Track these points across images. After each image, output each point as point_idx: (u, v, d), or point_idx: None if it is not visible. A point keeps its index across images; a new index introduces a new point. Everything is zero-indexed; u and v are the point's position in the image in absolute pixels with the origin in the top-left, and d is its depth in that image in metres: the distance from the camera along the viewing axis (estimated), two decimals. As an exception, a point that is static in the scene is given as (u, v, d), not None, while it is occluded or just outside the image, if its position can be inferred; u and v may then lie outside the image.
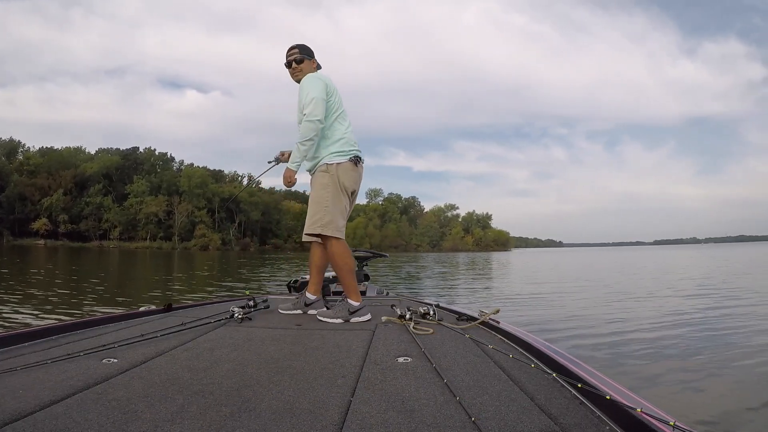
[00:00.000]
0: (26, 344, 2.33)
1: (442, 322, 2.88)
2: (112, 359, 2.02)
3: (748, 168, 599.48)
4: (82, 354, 2.05)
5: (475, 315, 3.06)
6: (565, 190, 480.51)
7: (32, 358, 2.01)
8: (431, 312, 3.03)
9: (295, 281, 5.29)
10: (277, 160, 3.72)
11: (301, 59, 3.40)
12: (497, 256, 63.50)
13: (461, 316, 3.08)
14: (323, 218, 3.24)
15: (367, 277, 5.37)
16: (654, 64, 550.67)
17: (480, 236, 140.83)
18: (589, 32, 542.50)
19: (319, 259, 3.53)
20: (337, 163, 3.24)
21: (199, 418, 1.41)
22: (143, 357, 2.08)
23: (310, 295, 3.47)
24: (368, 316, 3.12)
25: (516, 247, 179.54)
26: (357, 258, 5.11)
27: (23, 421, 1.34)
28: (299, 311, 3.40)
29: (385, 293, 5.62)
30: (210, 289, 14.01)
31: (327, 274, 4.48)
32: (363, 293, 4.55)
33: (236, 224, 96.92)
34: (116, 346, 2.19)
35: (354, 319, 3.09)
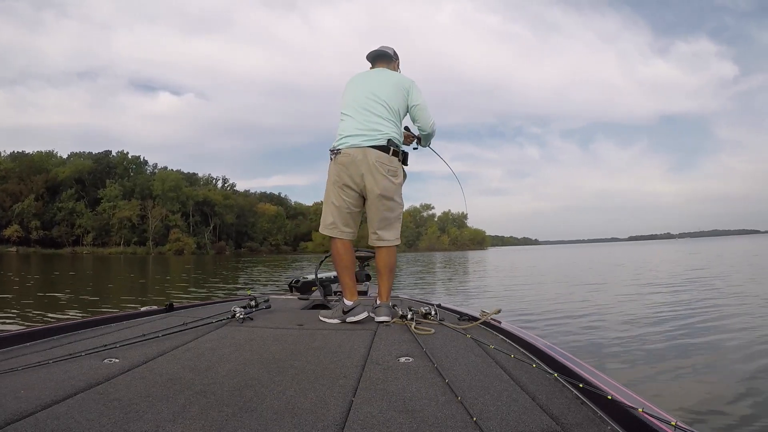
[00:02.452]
0: (27, 344, 2.35)
1: (443, 322, 2.89)
2: (113, 359, 2.03)
3: (720, 164, 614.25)
4: (83, 354, 2.06)
5: (477, 315, 3.07)
6: (540, 189, 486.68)
7: (34, 358, 2.02)
8: (432, 312, 3.04)
9: (297, 281, 5.18)
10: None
11: None
12: (473, 255, 63.80)
13: (462, 316, 3.09)
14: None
15: (368, 277, 5.32)
16: (626, 63, 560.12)
17: (456, 235, 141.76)
18: (562, 32, 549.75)
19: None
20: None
21: (200, 417, 1.41)
22: (145, 357, 2.09)
23: (347, 301, 3.17)
24: (363, 315, 3.05)
25: (492, 245, 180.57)
26: (358, 258, 5.04)
27: (25, 421, 1.35)
28: (337, 320, 3.11)
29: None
30: (201, 291, 13.92)
31: (329, 274, 4.57)
32: (364, 293, 4.58)
33: (211, 228, 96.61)
34: (118, 346, 2.20)
35: (349, 319, 3.04)
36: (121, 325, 2.93)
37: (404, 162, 3.30)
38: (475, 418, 1.40)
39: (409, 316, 2.89)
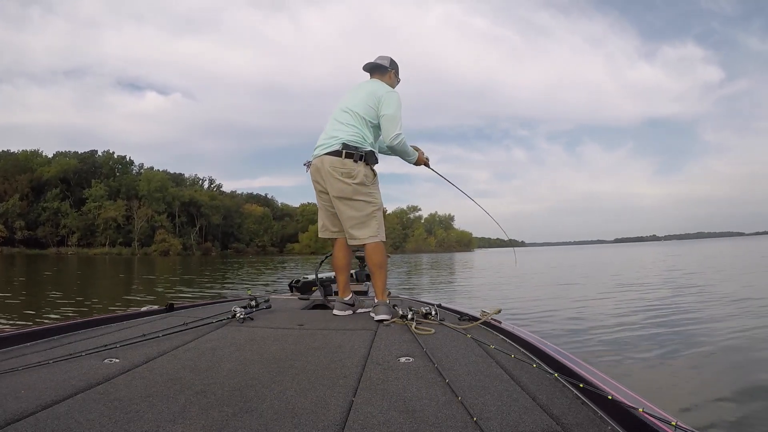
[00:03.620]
0: (28, 344, 2.34)
1: (443, 322, 2.89)
2: (113, 359, 2.04)
3: (705, 167, 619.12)
4: (83, 354, 2.06)
5: (477, 315, 3.07)
6: (527, 191, 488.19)
7: (34, 358, 2.02)
8: (433, 312, 3.04)
9: (297, 281, 5.23)
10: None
11: None
12: (460, 257, 63.34)
13: (463, 316, 3.09)
14: None
15: (368, 277, 5.19)
16: (613, 66, 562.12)
17: (443, 237, 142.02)
18: (550, 36, 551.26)
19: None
20: None
21: (201, 417, 1.42)
22: (145, 357, 2.09)
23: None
24: (342, 311, 3.38)
25: (479, 247, 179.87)
26: (358, 258, 5.18)
27: (25, 421, 1.35)
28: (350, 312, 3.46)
29: (387, 293, 5.62)
30: (189, 291, 13.96)
31: (329, 274, 4.55)
32: (364, 293, 4.62)
33: (197, 228, 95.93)
34: (118, 346, 2.21)
35: (334, 311, 3.41)
36: (122, 325, 2.94)
37: (367, 161, 3.31)
38: (475, 419, 1.41)
39: (409, 316, 2.90)
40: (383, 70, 3.62)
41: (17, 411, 1.41)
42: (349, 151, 3.25)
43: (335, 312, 3.41)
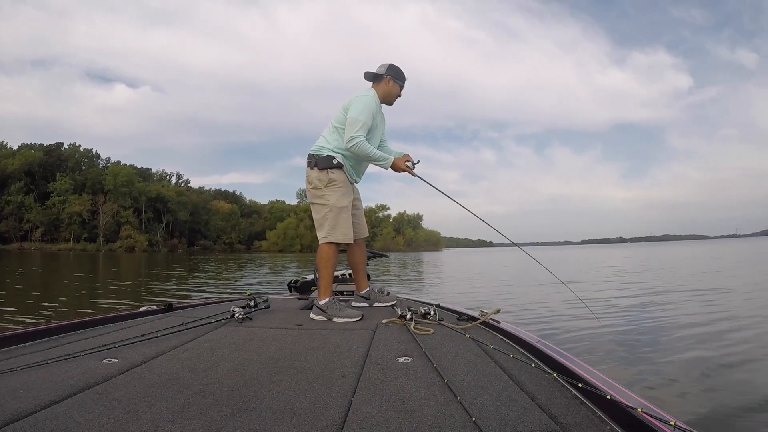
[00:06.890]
0: (27, 344, 2.34)
1: (442, 322, 2.88)
2: (112, 359, 2.04)
3: (672, 172, 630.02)
4: (82, 354, 2.06)
5: (476, 315, 3.07)
6: (495, 192, 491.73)
7: (33, 358, 2.02)
8: (432, 312, 3.02)
9: (296, 281, 5.27)
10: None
11: None
12: (429, 257, 61.47)
13: (462, 316, 3.08)
14: None
15: (367, 277, 5.25)
16: (584, 71, 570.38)
17: (411, 236, 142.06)
18: (522, 39, 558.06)
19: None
20: None
21: (199, 417, 1.41)
22: (144, 357, 2.09)
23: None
24: (315, 316, 3.22)
25: (447, 247, 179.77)
26: None
27: (24, 421, 1.35)
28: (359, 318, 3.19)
29: (385, 293, 5.42)
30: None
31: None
32: None
33: (164, 225, 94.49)
34: (117, 346, 2.20)
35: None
36: (120, 325, 2.93)
37: (320, 166, 3.39)
38: (474, 418, 1.40)
39: (408, 316, 2.88)
40: (379, 79, 3.58)
41: (16, 411, 1.41)
42: (310, 160, 3.44)
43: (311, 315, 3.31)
